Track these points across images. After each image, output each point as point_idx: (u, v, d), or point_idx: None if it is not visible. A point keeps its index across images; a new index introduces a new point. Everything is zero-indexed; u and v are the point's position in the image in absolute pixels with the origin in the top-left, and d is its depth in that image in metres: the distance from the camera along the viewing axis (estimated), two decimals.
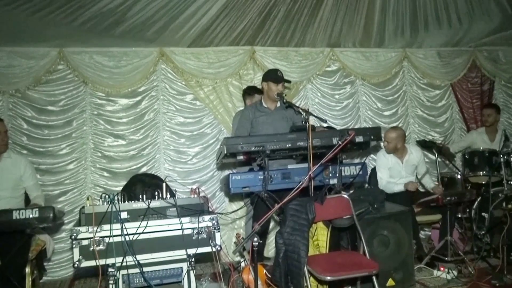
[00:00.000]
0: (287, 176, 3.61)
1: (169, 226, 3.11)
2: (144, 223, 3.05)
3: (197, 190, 3.35)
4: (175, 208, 3.21)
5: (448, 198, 4.06)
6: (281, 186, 3.57)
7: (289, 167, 3.66)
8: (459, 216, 4.96)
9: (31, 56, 4.94)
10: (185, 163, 5.39)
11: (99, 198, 3.19)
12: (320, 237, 3.43)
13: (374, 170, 5.26)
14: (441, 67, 6.42)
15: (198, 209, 3.28)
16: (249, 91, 5.02)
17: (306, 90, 5.92)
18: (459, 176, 5.21)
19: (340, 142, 2.79)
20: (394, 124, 6.10)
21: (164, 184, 3.34)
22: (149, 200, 3.20)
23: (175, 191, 4.01)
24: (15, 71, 4.89)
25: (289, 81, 4.35)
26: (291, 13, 4.92)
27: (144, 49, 5.27)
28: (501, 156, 4.57)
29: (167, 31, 4.86)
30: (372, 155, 5.94)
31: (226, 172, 5.27)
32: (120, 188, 4.72)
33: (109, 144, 5.19)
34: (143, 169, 5.22)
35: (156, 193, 3.33)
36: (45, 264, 4.34)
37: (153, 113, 5.34)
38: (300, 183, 2.75)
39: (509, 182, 4.53)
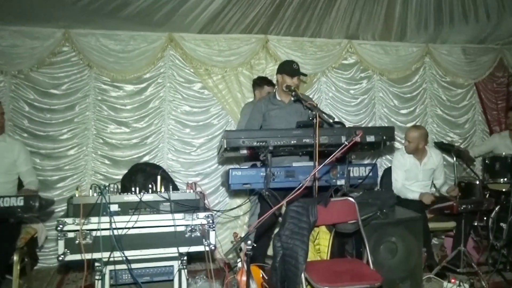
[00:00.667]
0: (291, 174, 3.42)
1: (161, 222, 2.98)
2: (134, 217, 2.93)
3: (193, 185, 3.19)
4: (169, 203, 3.07)
5: (463, 206, 3.82)
6: (284, 184, 3.38)
7: (294, 164, 3.47)
8: (475, 224, 4.71)
9: (36, 37, 4.83)
10: (189, 154, 5.24)
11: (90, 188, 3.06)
12: (322, 242, 3.25)
13: (387, 171, 5.04)
14: (465, 64, 6.12)
15: (193, 205, 3.13)
16: (259, 82, 4.83)
17: (320, 83, 5.70)
18: (477, 182, 4.94)
19: (346, 143, 2.58)
20: (411, 123, 5.86)
21: (159, 177, 3.19)
22: (142, 193, 3.05)
23: (170, 185, 3.85)
24: (18, 51, 4.79)
25: (305, 75, 4.16)
26: (306, 0, 4.69)
27: (152, 34, 5.12)
28: None
29: (176, 16, 4.69)
30: (386, 156, 5.71)
31: (231, 166, 5.09)
32: (120, 177, 4.61)
33: (112, 131, 5.07)
34: (145, 158, 5.09)
35: (150, 186, 3.18)
36: (38, 251, 4.26)
37: (158, 100, 5.20)
38: (301, 185, 2.56)
39: None
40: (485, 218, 4.65)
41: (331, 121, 3.14)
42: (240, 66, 5.35)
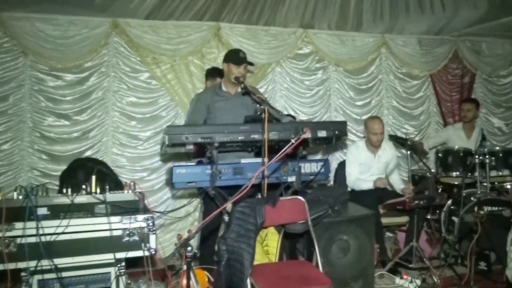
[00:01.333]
0: (239, 171, 3.28)
1: (96, 226, 2.78)
2: (65, 222, 2.71)
3: (132, 185, 2.99)
4: (104, 205, 2.86)
5: (416, 202, 3.80)
6: (232, 182, 3.24)
7: (242, 161, 3.33)
8: (428, 217, 4.74)
9: None
10: (135, 148, 5.00)
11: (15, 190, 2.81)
12: (270, 243, 3.13)
13: (342, 164, 4.99)
14: (421, 56, 6.15)
15: (132, 207, 2.94)
16: (212, 73, 4.63)
17: (274, 74, 5.56)
18: (429, 175, 4.96)
19: (293, 141, 2.45)
20: (367, 115, 5.82)
21: (93, 177, 2.97)
22: (74, 195, 2.83)
23: (112, 183, 3.62)
24: None
25: (251, 64, 3.98)
26: None
27: (95, 19, 4.81)
28: (476, 156, 4.35)
29: (117, 0, 4.40)
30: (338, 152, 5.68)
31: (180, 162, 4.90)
32: (60, 173, 4.32)
33: (50, 124, 4.74)
34: (88, 153, 4.81)
35: (84, 186, 2.95)
36: None
37: (101, 91, 4.90)
38: (246, 185, 2.42)
39: (483, 184, 4.30)
40: (437, 211, 4.68)
41: (281, 111, 3.01)
42: (190, 55, 5.13)
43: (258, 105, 3.10)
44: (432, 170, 4.89)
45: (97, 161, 4.59)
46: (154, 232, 2.87)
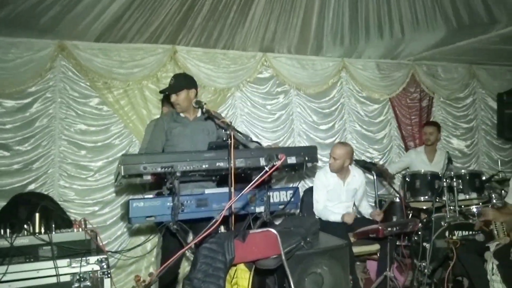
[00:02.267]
0: (204, 203, 3.04)
1: (40, 272, 2.43)
2: (3, 268, 2.36)
3: (82, 222, 2.68)
4: (49, 247, 2.53)
5: (389, 229, 3.67)
6: (195, 215, 2.99)
7: (206, 192, 3.09)
8: (397, 243, 4.64)
9: None
10: (85, 180, 4.63)
11: None
12: (240, 282, 2.88)
13: (308, 192, 4.84)
14: (380, 80, 6.20)
15: (82, 247, 2.63)
16: (167, 98, 4.38)
17: (234, 99, 5.42)
18: (397, 200, 4.90)
19: (267, 169, 2.25)
20: (331, 140, 5.76)
21: (37, 215, 2.64)
22: (13, 236, 2.49)
23: (58, 220, 3.28)
24: None
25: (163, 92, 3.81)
26: (217, 8, 4.39)
27: (39, 41, 4.49)
28: (444, 180, 4.32)
29: (65, 21, 4.14)
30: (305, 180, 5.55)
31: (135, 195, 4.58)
32: None
33: None
34: (31, 187, 4.41)
35: (26, 226, 2.61)
36: None
37: (46, 118, 4.55)
38: (212, 223, 2.18)
39: (450, 208, 4.26)
40: (406, 237, 4.58)
41: (248, 136, 2.82)
42: (145, 79, 4.89)
43: (222, 130, 2.90)
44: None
45: (41, 195, 4.24)
46: (108, 275, 2.56)
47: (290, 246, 2.99)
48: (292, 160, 3.11)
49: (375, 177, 4.64)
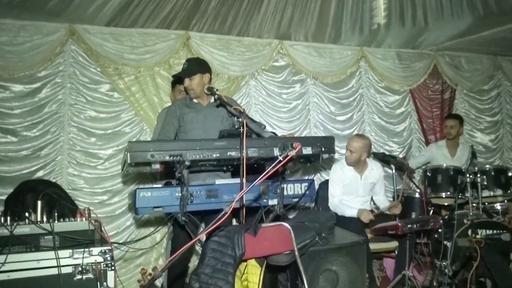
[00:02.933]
0: (214, 194, 2.93)
1: (40, 263, 2.33)
2: (2, 258, 2.26)
3: (86, 212, 2.57)
4: (51, 237, 2.43)
5: (408, 226, 3.50)
6: (205, 206, 2.89)
7: (216, 182, 2.97)
8: (417, 241, 4.46)
9: None
10: (95, 168, 4.54)
11: None
12: (250, 277, 2.74)
13: (323, 185, 4.68)
14: (400, 70, 5.99)
15: (85, 237, 2.52)
16: (177, 83, 4.25)
17: (249, 87, 5.27)
18: (417, 195, 4.70)
19: (280, 158, 2.10)
20: (349, 131, 5.58)
21: (39, 202, 2.53)
22: (13, 224, 2.39)
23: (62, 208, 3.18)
24: None
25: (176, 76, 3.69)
26: None
27: (49, 24, 4.39)
28: (468, 175, 4.11)
29: (74, 3, 4.02)
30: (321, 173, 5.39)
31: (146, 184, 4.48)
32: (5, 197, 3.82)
33: None
34: (39, 174, 4.33)
35: (27, 214, 2.51)
36: None
37: (56, 104, 4.46)
38: (222, 214, 2.04)
39: (474, 204, 4.06)
40: (426, 234, 4.41)
41: (263, 124, 2.68)
42: (156, 66, 4.77)
43: (235, 117, 2.76)
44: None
45: (49, 183, 4.14)
46: (112, 267, 2.45)
47: (304, 241, 2.85)
48: (307, 150, 2.97)
49: (394, 171, 4.46)
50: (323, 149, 3.01)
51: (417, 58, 6.10)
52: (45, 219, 2.51)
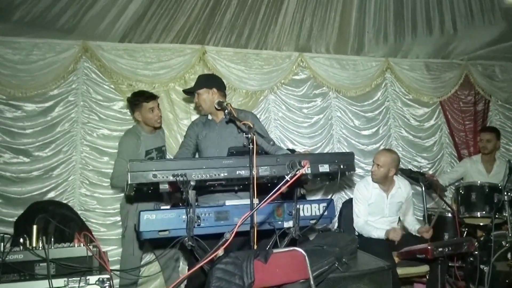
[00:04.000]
0: (224, 216, 2.75)
1: None
2: None
3: (84, 237, 2.41)
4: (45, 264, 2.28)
5: (439, 250, 3.21)
6: (214, 230, 2.70)
7: (226, 203, 2.78)
8: (450, 264, 4.13)
9: None
10: (108, 188, 4.39)
11: None
12: None
13: (347, 204, 4.42)
14: (429, 81, 5.70)
15: (82, 264, 2.36)
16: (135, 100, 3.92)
17: (268, 102, 5.09)
18: (449, 214, 4.39)
19: (288, 178, 1.90)
20: (375, 146, 5.32)
21: (34, 227, 2.40)
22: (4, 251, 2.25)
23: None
24: None
25: (190, 92, 3.54)
26: (246, 3, 4.08)
27: (62, 42, 4.34)
28: (505, 193, 3.79)
29: (85, 20, 3.98)
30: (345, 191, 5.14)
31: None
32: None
33: (6, 161, 4.18)
34: (51, 195, 4.24)
35: (22, 240, 2.37)
36: None
37: (68, 123, 4.39)
38: (223, 240, 1.85)
39: None
40: (460, 257, 4.08)
41: (271, 139, 2.49)
42: (171, 81, 4.66)
43: (244, 133, 2.58)
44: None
45: (60, 204, 4.06)
46: None
47: (322, 268, 2.61)
48: (324, 168, 2.75)
49: (423, 188, 4.17)
50: (342, 166, 2.78)
51: (447, 68, 5.81)
52: (40, 244, 2.36)
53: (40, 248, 2.32)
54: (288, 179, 1.91)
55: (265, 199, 1.90)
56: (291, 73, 5.14)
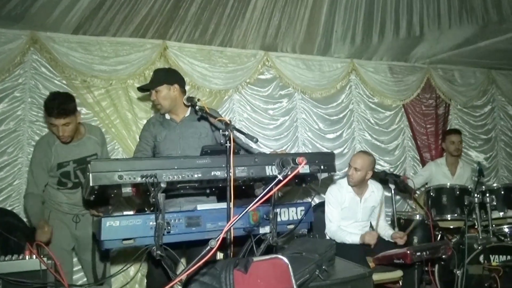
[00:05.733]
0: (195, 222, 2.48)
1: None
2: None
3: (36, 249, 2.10)
4: None
5: (418, 254, 3.10)
6: (185, 237, 2.45)
7: (198, 208, 2.53)
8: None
9: None
10: None
11: None
12: None
13: (316, 209, 4.26)
14: (393, 84, 5.72)
15: (35, 280, 2.04)
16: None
17: (232, 102, 4.90)
18: (417, 217, 4.33)
19: (280, 177, 1.70)
20: (339, 150, 5.24)
21: None
22: None
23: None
24: None
25: (143, 89, 3.24)
26: None
27: (7, 31, 3.95)
28: (476, 195, 3.77)
29: (34, 7, 3.60)
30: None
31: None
32: None
33: None
34: None
35: None
36: None
37: (14, 121, 4.00)
38: (204, 252, 1.62)
39: (488, 228, 3.72)
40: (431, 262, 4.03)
41: (255, 137, 2.28)
42: (130, 78, 4.37)
43: (219, 131, 2.36)
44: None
45: (4, 211, 3.70)
46: None
47: (304, 276, 2.43)
48: (304, 169, 2.56)
49: (393, 191, 4.09)
50: (322, 167, 2.61)
51: (410, 72, 5.86)
52: None
53: None
54: (281, 179, 1.70)
55: (256, 200, 1.69)
56: (256, 72, 4.97)
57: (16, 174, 3.95)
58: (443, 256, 3.49)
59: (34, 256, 2.08)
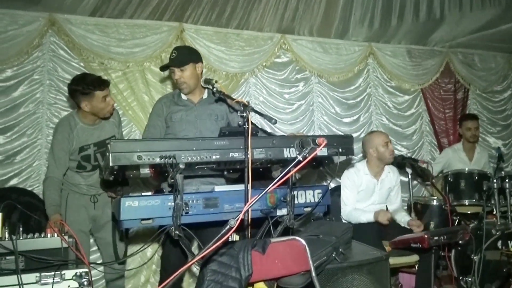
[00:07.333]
0: (213, 203, 2.49)
1: None
2: None
3: (57, 226, 2.14)
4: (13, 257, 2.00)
5: (435, 239, 3.09)
6: (203, 218, 2.45)
7: (216, 189, 2.54)
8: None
9: None
10: None
11: None
12: None
13: (332, 193, 4.26)
14: (411, 68, 5.63)
15: (56, 258, 2.08)
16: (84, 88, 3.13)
17: (248, 85, 4.88)
18: (434, 202, 4.29)
19: (300, 157, 1.69)
20: (356, 135, 5.20)
21: None
22: None
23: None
24: None
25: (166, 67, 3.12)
26: None
27: (26, 13, 3.98)
28: (495, 181, 3.73)
29: None
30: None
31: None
32: None
33: None
34: (13, 182, 3.90)
35: None
36: None
37: (33, 103, 4.04)
38: (224, 230, 1.63)
39: (506, 214, 3.68)
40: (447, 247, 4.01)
41: (274, 118, 2.28)
42: (147, 61, 4.38)
43: (237, 112, 2.35)
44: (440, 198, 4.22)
45: (23, 191, 3.76)
46: None
47: (320, 258, 2.43)
48: (322, 152, 2.55)
49: (410, 176, 4.06)
50: (340, 149, 2.60)
51: (428, 56, 5.76)
52: (7, 235, 2.07)
53: (7, 239, 2.03)
54: (301, 159, 1.70)
55: (275, 181, 1.69)
56: (273, 55, 4.94)
57: (35, 155, 4.01)
58: (460, 242, 3.48)
59: (55, 235, 2.12)
